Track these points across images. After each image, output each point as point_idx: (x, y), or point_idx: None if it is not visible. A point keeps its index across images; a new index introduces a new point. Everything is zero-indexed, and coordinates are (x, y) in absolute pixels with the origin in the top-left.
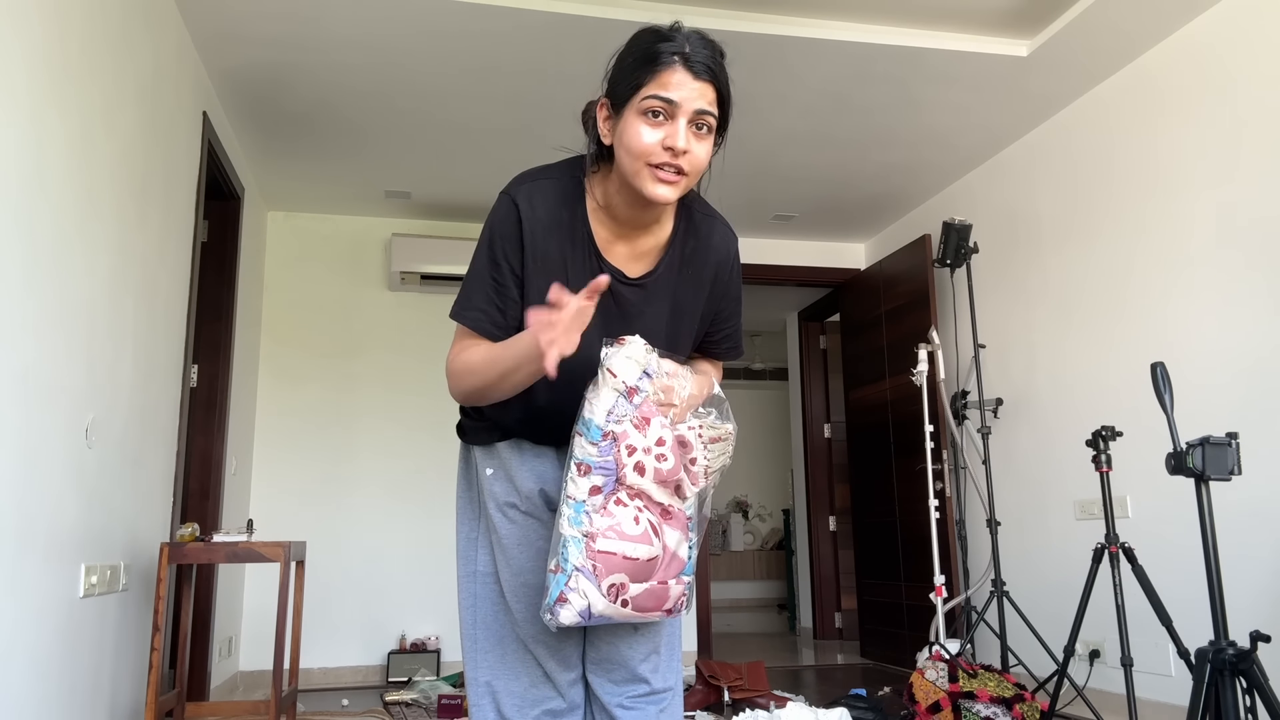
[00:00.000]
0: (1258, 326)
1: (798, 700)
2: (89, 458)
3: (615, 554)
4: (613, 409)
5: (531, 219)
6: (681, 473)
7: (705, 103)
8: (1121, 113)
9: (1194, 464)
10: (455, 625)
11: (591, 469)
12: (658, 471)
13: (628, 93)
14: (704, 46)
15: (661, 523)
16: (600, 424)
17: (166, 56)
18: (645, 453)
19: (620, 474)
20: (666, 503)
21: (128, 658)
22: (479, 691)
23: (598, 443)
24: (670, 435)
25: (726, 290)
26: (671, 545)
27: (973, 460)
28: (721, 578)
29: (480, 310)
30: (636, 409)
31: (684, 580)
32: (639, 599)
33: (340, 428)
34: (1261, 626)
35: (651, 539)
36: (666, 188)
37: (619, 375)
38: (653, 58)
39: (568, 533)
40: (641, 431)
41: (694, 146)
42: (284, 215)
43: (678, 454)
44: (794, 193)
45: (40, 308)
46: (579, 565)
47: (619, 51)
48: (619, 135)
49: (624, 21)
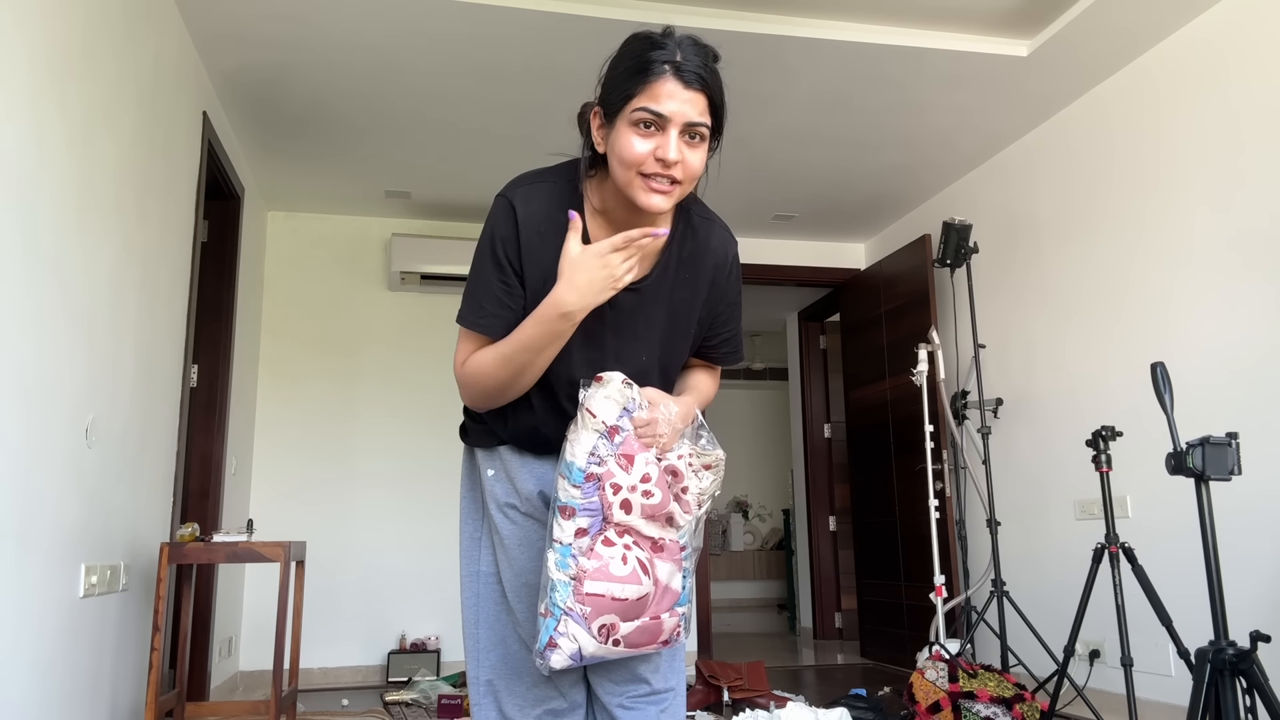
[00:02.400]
0: (1258, 326)
1: (798, 700)
2: (89, 458)
3: (604, 595)
4: (594, 450)
5: (528, 221)
6: (672, 504)
7: (696, 113)
8: (1121, 112)
9: (1194, 464)
10: (455, 625)
11: (576, 511)
12: (645, 507)
13: (619, 103)
14: (696, 54)
15: (652, 557)
16: (582, 466)
17: (166, 56)
18: (631, 490)
19: (607, 513)
20: (657, 536)
21: (128, 658)
22: (481, 691)
23: (580, 485)
24: (657, 470)
25: (724, 294)
26: (664, 579)
27: (973, 460)
28: (721, 578)
29: (493, 315)
30: (618, 448)
31: (678, 612)
32: (631, 636)
33: (340, 427)
34: (1261, 626)
35: (640, 578)
36: (660, 197)
37: (599, 415)
38: (644, 67)
39: (555, 576)
40: (626, 469)
41: (687, 156)
42: (284, 215)
43: (666, 487)
44: (794, 193)
45: (40, 307)
46: (568, 608)
47: (612, 56)
48: (611, 144)
49: (624, 22)
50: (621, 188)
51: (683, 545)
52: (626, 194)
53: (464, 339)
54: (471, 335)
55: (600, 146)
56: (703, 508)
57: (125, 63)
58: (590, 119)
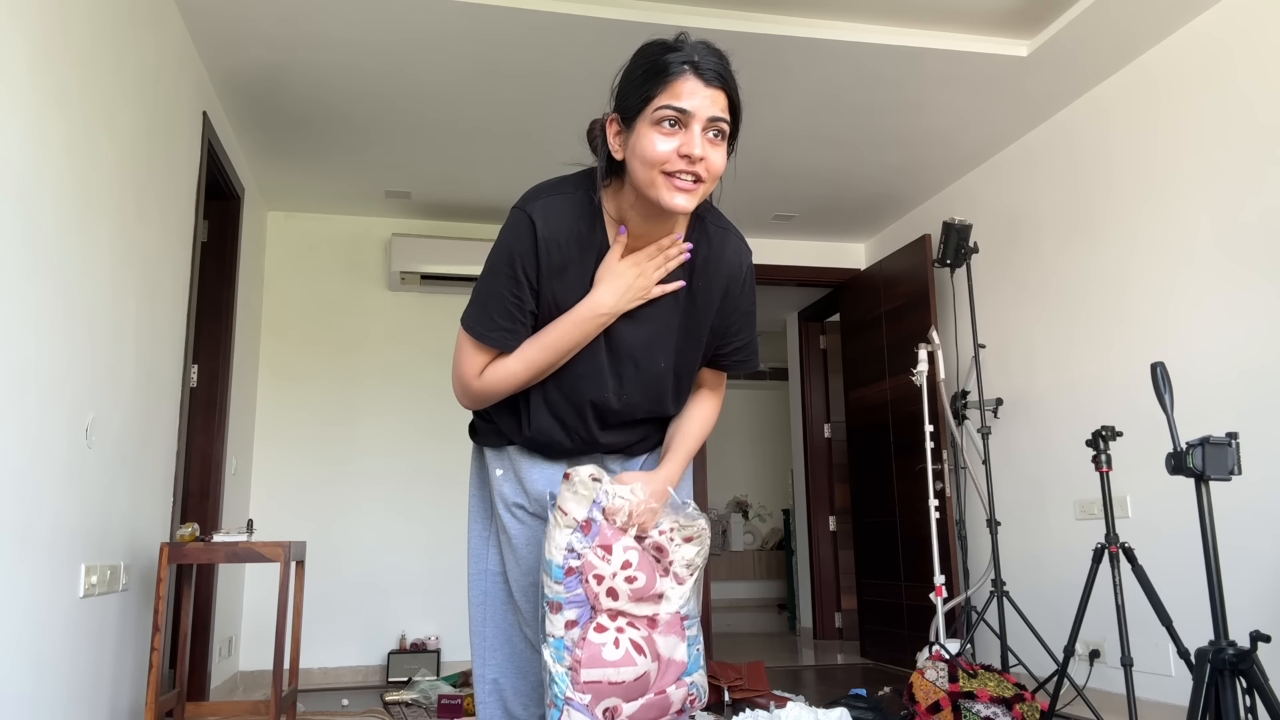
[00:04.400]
0: (1258, 326)
1: (798, 700)
2: (89, 458)
3: (601, 681)
4: (570, 546)
5: (548, 235)
6: (660, 582)
7: (718, 109)
8: (1121, 112)
9: (1194, 464)
10: (455, 625)
11: (563, 606)
12: (632, 592)
13: (639, 105)
14: (712, 54)
15: (650, 634)
16: (560, 563)
17: (166, 56)
18: (613, 578)
19: (594, 603)
20: (651, 613)
21: (128, 658)
22: (486, 689)
23: (562, 580)
24: (637, 555)
25: (737, 304)
26: (665, 653)
27: (973, 460)
28: (721, 578)
29: (504, 330)
30: (594, 540)
31: (686, 682)
32: (638, 715)
33: (340, 428)
34: (1261, 626)
35: (635, 658)
36: (683, 196)
37: (570, 513)
38: (662, 68)
39: (553, 669)
40: (605, 559)
41: (710, 153)
42: (284, 215)
43: (651, 567)
44: (794, 193)
45: (40, 308)
46: (569, 697)
47: (625, 66)
48: (632, 148)
49: (624, 22)
50: (644, 189)
51: (684, 614)
52: (649, 195)
53: (470, 349)
54: (478, 346)
55: (619, 154)
56: (694, 576)
57: (125, 63)
58: (606, 127)
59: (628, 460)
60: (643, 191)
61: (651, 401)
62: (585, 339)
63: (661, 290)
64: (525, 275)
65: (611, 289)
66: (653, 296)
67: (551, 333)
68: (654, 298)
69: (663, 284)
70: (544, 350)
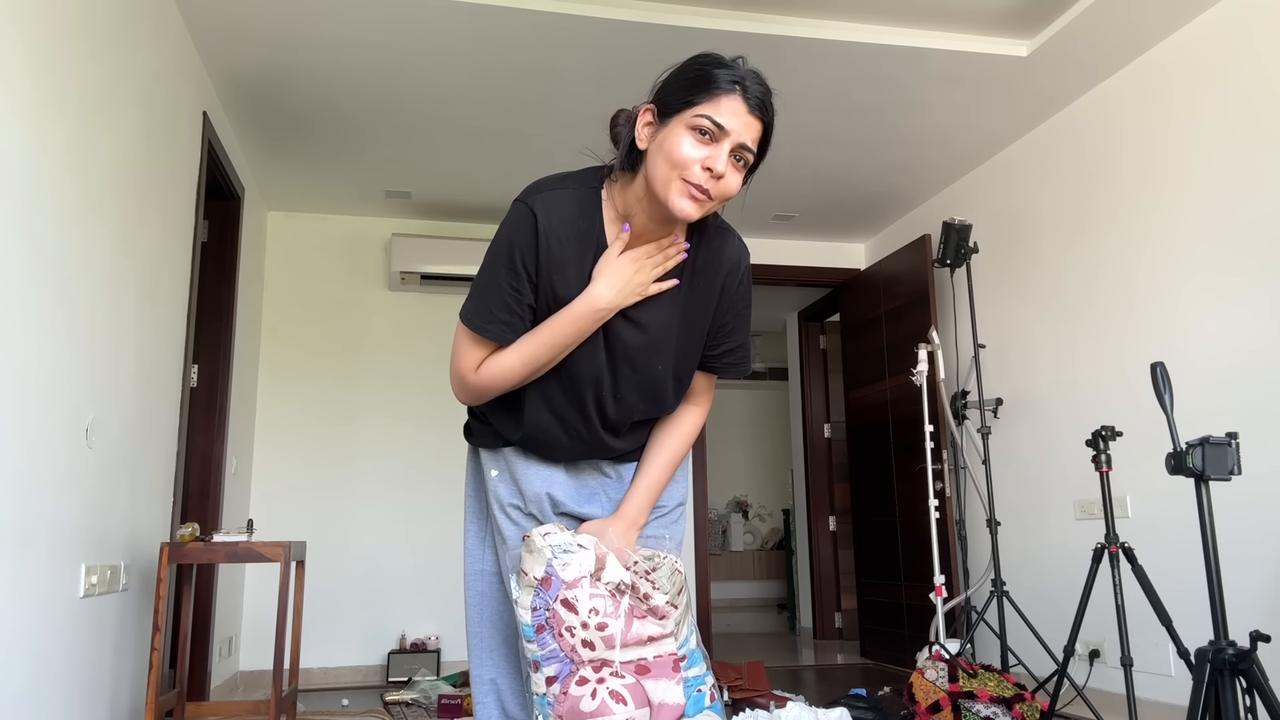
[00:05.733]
0: (1258, 326)
1: (798, 700)
2: (89, 458)
3: None
4: (535, 605)
5: (548, 228)
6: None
7: (750, 138)
8: (1121, 112)
9: (1194, 464)
10: (455, 625)
11: (540, 664)
12: (607, 640)
13: (679, 105)
14: (760, 84)
15: (639, 680)
16: (529, 622)
17: (167, 56)
18: (584, 628)
19: (573, 656)
20: (637, 658)
21: (128, 658)
22: (484, 689)
23: (534, 639)
24: (605, 601)
25: (732, 304)
26: (657, 697)
27: (973, 460)
28: (721, 578)
29: (502, 323)
30: (555, 596)
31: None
32: None
33: (340, 427)
34: (1261, 626)
35: (612, 707)
36: (692, 204)
37: (529, 573)
38: (712, 80)
39: None
40: (573, 611)
41: (729, 174)
42: (284, 215)
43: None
44: (794, 193)
45: (40, 308)
46: None
47: (675, 66)
48: (660, 142)
49: (625, 22)
50: (657, 186)
51: (679, 655)
52: (660, 194)
53: (467, 342)
54: (476, 339)
55: (643, 143)
56: (679, 608)
57: (125, 63)
58: (638, 115)
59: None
60: (655, 188)
61: (649, 403)
62: (582, 335)
63: (658, 288)
64: (525, 268)
65: (609, 284)
66: (650, 294)
67: (548, 328)
68: (651, 297)
69: (660, 282)
70: (541, 345)
